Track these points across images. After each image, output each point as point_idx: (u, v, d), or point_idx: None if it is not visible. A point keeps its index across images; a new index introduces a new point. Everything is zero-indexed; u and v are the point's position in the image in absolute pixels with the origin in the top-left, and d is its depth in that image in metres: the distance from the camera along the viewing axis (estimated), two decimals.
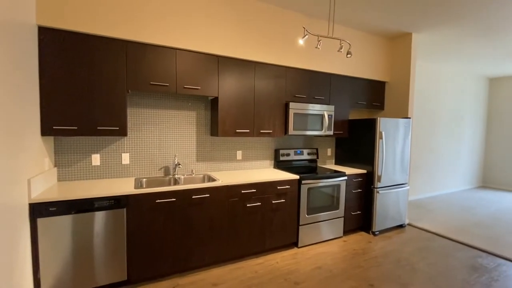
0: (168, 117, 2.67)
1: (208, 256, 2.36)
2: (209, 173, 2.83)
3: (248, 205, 2.51)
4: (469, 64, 5.00)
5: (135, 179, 2.42)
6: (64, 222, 1.82)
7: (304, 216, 2.83)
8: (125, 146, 2.50)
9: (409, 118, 3.44)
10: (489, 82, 6.25)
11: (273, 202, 2.65)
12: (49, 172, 2.07)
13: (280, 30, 2.85)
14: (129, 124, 2.50)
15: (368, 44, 3.53)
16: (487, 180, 6.34)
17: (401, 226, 3.57)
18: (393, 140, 3.27)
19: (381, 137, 3.14)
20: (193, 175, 2.72)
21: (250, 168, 3.17)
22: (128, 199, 2.01)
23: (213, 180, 2.49)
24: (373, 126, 3.17)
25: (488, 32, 3.35)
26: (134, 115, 2.52)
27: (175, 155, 2.72)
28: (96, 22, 2.03)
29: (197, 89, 2.44)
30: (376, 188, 3.19)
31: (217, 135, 2.62)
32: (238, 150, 3.08)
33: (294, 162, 3.37)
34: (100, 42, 2.06)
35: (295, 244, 2.91)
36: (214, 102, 2.68)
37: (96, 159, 2.38)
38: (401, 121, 3.33)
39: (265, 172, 2.93)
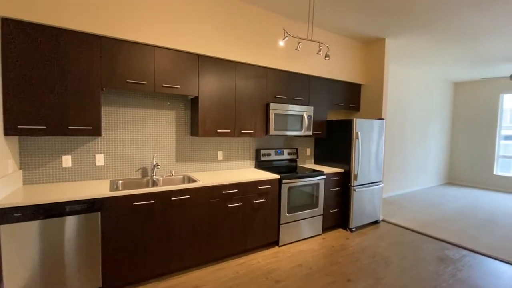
0: (146, 116, 2.59)
1: (189, 258, 2.31)
2: (189, 174, 2.78)
3: (229, 205, 2.50)
4: (436, 69, 5.36)
5: (111, 181, 2.32)
6: (31, 228, 1.70)
7: (284, 215, 2.88)
8: (100, 146, 2.39)
9: (383, 119, 3.62)
10: (454, 86, 6.73)
11: (255, 202, 2.66)
12: (14, 175, 1.92)
13: (262, 31, 2.87)
14: (103, 124, 2.38)
15: (345, 47, 3.66)
16: (453, 177, 6.82)
17: (376, 222, 3.74)
18: (369, 140, 3.42)
19: (357, 137, 3.27)
20: (173, 176, 2.66)
21: (232, 168, 3.16)
22: (102, 202, 1.92)
23: (194, 181, 2.45)
24: (350, 127, 3.30)
25: (453, 40, 3.61)
26: (110, 114, 2.41)
27: (153, 155, 2.64)
28: (67, 15, 1.91)
29: (177, 88, 2.39)
30: (353, 186, 3.32)
31: (197, 135, 2.58)
32: (219, 150, 3.06)
33: (274, 162, 3.40)
34: (71, 37, 1.95)
35: (276, 242, 2.94)
36: (195, 101, 2.64)
37: (67, 160, 2.25)
38: (376, 122, 3.49)
39: (246, 172, 2.93)
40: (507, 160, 6.12)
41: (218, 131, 2.66)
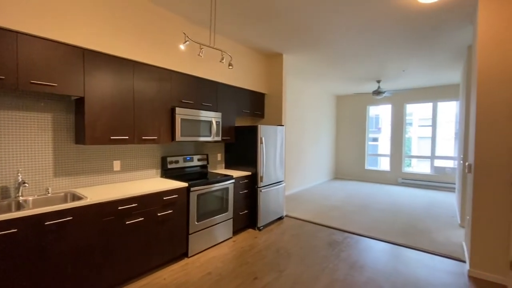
0: (6, 120, 2.00)
1: None
2: (74, 190, 2.31)
3: (127, 222, 2.21)
4: (324, 84, 6.42)
5: None
6: None
7: (193, 224, 2.78)
8: None
9: (283, 125, 4.04)
10: (336, 98, 8.23)
11: (159, 214, 2.45)
12: None
13: (166, 33, 2.71)
14: None
15: (250, 58, 3.90)
16: (339, 173, 8.29)
17: (280, 218, 4.11)
18: (272, 144, 3.75)
19: (261, 142, 3.53)
20: (49, 194, 2.15)
21: (132, 180, 2.82)
22: None
23: (79, 198, 2.05)
24: (255, 133, 3.52)
25: (334, 62, 4.41)
26: None
27: (18, 170, 2.06)
28: None
29: (52, 86, 1.95)
30: (259, 187, 3.55)
31: (84, 143, 2.18)
32: (116, 159, 2.68)
33: (183, 169, 3.26)
34: None
35: (185, 254, 2.80)
36: (80, 103, 2.23)
37: None
38: (277, 128, 3.86)
39: (149, 183, 2.68)
40: (373, 157, 7.93)
41: (112, 137, 2.33)
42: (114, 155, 2.66)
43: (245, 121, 4.33)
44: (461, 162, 3.90)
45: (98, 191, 2.25)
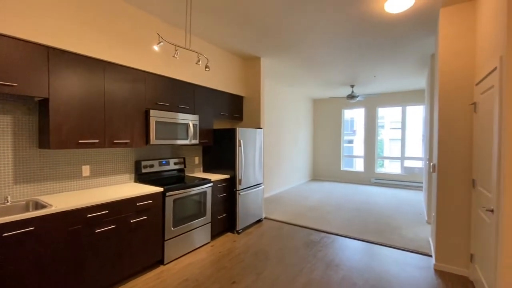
0: None
1: None
2: (38, 198, 2.15)
3: (97, 231, 2.10)
4: (301, 87, 6.56)
5: None
6: None
7: (169, 230, 2.70)
8: None
9: (261, 128, 4.07)
10: (313, 102, 8.45)
11: (132, 221, 2.35)
12: None
13: (139, 32, 2.63)
14: None
15: (229, 61, 3.90)
16: (316, 174, 8.49)
17: (259, 221, 4.12)
18: (250, 147, 3.76)
19: (240, 145, 3.52)
20: (8, 203, 1.98)
21: (103, 185, 2.68)
22: None
23: (43, 206, 1.91)
24: (233, 135, 3.51)
25: (309, 66, 4.53)
26: None
27: None
28: None
29: (12, 86, 1.81)
30: (238, 190, 3.54)
31: (49, 148, 2.04)
32: (85, 164, 2.54)
33: (159, 174, 3.16)
34: None
35: (161, 261, 2.71)
36: (44, 104, 2.08)
37: None
38: (256, 130, 3.88)
39: (122, 188, 2.57)
40: (349, 159, 8.22)
41: (80, 141, 2.20)
42: (83, 159, 2.52)
43: (224, 124, 4.30)
44: (427, 162, 4.17)
45: (65, 199, 2.12)
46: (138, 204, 2.40)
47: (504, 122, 1.61)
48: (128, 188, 2.57)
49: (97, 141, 2.32)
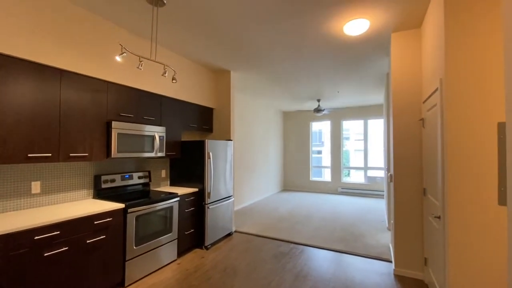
0: None
1: None
2: None
3: (46, 254, 1.90)
4: (270, 100, 6.73)
5: None
6: None
7: (131, 249, 2.53)
8: None
9: (231, 140, 4.07)
10: (283, 114, 8.70)
11: (88, 241, 2.17)
12: None
13: (102, 40, 2.52)
14: None
15: (198, 73, 3.88)
16: (287, 185, 8.63)
17: (229, 234, 4.04)
18: (220, 159, 3.72)
19: (209, 157, 3.48)
20: None
21: (56, 203, 2.46)
22: None
23: None
24: (203, 147, 3.46)
25: (278, 81, 4.69)
26: None
27: None
28: None
29: None
30: (207, 204, 3.46)
31: None
32: (35, 180, 2.31)
33: (122, 189, 2.98)
34: None
35: (121, 284, 2.51)
36: None
37: None
38: (226, 142, 3.87)
39: (78, 206, 2.37)
40: (318, 169, 8.50)
41: (30, 155, 2.01)
42: (33, 175, 2.29)
43: (193, 136, 4.22)
44: (387, 172, 4.48)
45: (9, 219, 1.89)
46: (95, 222, 2.23)
47: (445, 137, 1.81)
48: (85, 205, 2.38)
49: (50, 155, 2.14)
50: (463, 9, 1.73)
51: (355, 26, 2.63)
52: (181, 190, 3.31)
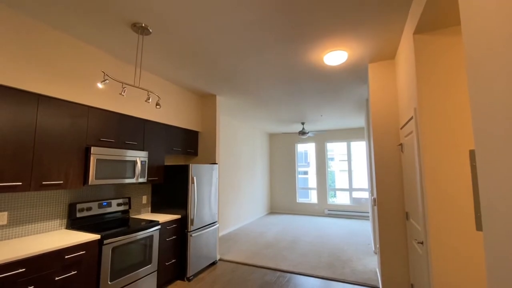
0: None
1: None
2: None
3: None
4: (256, 123, 6.82)
5: None
6: None
7: (106, 284, 2.34)
8: None
9: (217, 164, 4.03)
10: (269, 136, 8.80)
11: (57, 278, 1.99)
12: None
13: (84, 65, 2.50)
14: None
15: (183, 96, 3.90)
16: (273, 207, 8.52)
17: (213, 263, 3.86)
18: (204, 183, 3.64)
19: (193, 182, 3.40)
20: None
21: (25, 235, 2.27)
22: None
23: None
24: (186, 172, 3.39)
25: (262, 105, 4.79)
26: None
27: None
28: None
29: None
30: (190, 231, 3.32)
31: None
32: (2, 211, 2.14)
33: (99, 217, 2.82)
34: None
35: None
36: None
37: None
38: (211, 166, 3.81)
39: (49, 238, 2.20)
40: (304, 190, 8.49)
41: None
42: (0, 205, 2.13)
43: (178, 160, 4.14)
44: (370, 194, 4.54)
45: None
46: (66, 257, 2.06)
47: (422, 163, 1.88)
48: (57, 237, 2.21)
49: (20, 183, 2.01)
50: (431, 43, 1.88)
51: (335, 57, 2.78)
52: (163, 217, 3.17)
